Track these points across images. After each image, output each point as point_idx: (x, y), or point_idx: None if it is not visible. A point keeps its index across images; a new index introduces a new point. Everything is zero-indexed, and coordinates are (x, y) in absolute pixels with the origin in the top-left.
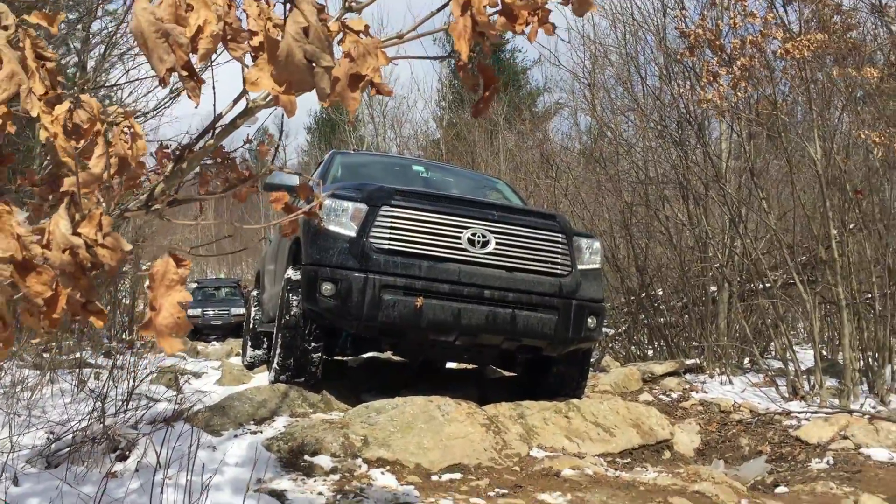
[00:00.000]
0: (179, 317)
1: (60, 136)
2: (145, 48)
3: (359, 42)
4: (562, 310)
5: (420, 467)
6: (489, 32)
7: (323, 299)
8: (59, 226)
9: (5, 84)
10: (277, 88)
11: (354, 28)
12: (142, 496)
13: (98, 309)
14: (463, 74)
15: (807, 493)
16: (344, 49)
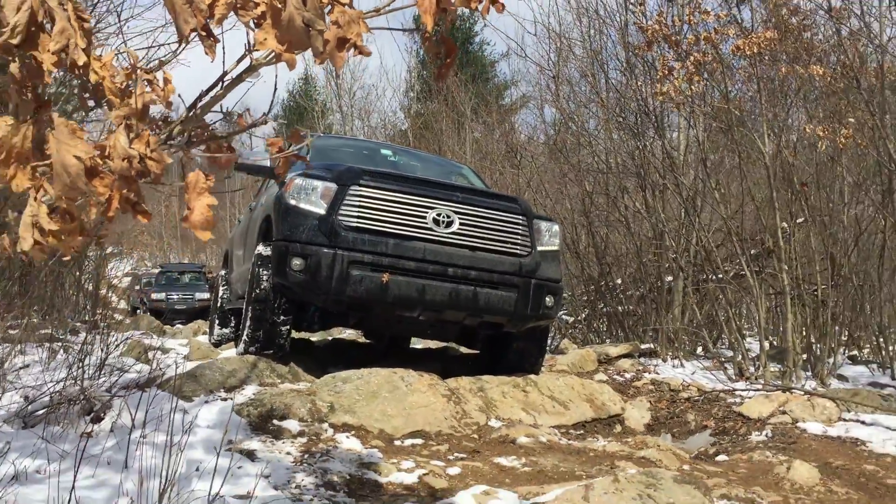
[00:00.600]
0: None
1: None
2: (173, 12)
3: (345, 12)
4: (521, 288)
5: (384, 433)
6: (450, 8)
7: (293, 273)
8: (120, 140)
9: (58, 37)
10: (280, 48)
11: (342, 1)
12: (118, 453)
13: (144, 210)
14: (427, 44)
15: (744, 461)
16: (332, 18)
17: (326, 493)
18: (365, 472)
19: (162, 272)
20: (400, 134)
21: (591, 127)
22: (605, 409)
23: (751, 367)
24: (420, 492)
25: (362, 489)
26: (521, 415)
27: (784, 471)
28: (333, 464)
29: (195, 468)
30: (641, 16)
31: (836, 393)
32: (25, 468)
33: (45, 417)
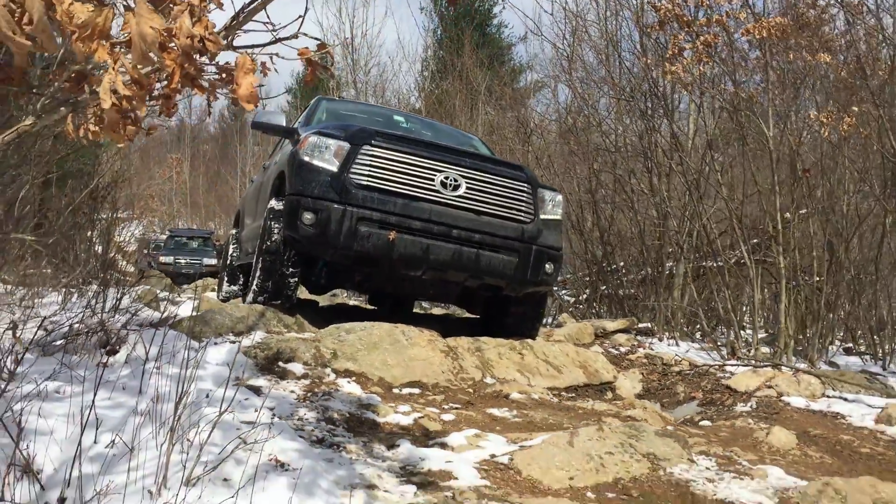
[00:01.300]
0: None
1: None
2: None
3: None
4: (522, 253)
5: (383, 380)
6: None
7: (303, 227)
8: (185, 21)
9: None
10: None
11: None
12: (132, 380)
13: (201, 85)
14: None
15: (727, 427)
16: None
17: (327, 426)
18: (364, 412)
19: (170, 236)
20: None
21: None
22: (597, 375)
23: (743, 347)
24: (415, 432)
25: (360, 426)
26: (516, 375)
27: (763, 435)
28: (334, 403)
29: (205, 395)
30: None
31: (824, 372)
32: (46, 387)
33: (64, 347)
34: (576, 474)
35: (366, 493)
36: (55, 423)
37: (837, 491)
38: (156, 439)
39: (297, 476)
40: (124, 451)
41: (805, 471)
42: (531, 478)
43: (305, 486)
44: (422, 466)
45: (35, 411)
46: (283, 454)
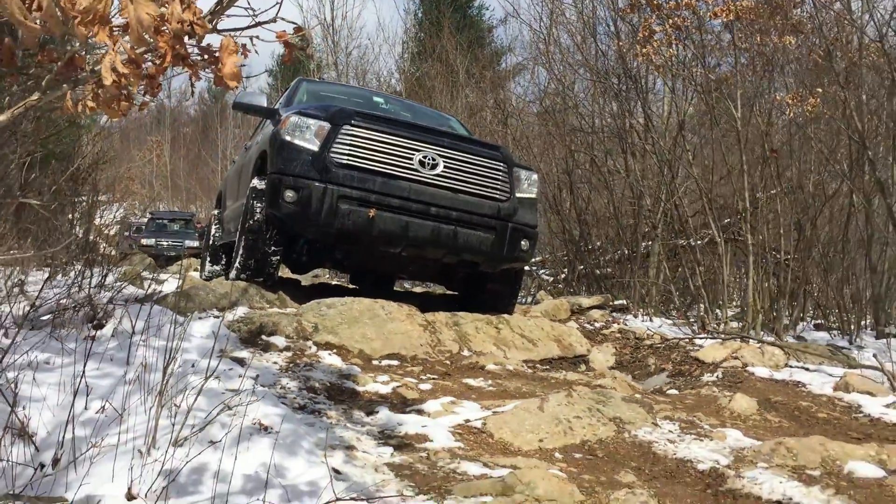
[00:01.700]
0: (235, 70)
1: None
2: None
3: None
4: (499, 230)
5: (363, 353)
6: None
7: (285, 205)
8: (177, 8)
9: None
10: None
11: None
12: (120, 352)
13: (190, 63)
14: None
15: (693, 395)
16: None
17: (308, 394)
18: (344, 381)
19: (152, 219)
20: (394, 93)
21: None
22: (571, 349)
23: (714, 322)
24: (393, 400)
25: (341, 395)
26: (492, 348)
27: (726, 402)
28: (316, 373)
29: (191, 366)
30: None
31: (788, 344)
32: (36, 358)
33: (52, 322)
34: (545, 437)
35: (345, 453)
36: (47, 391)
37: (789, 449)
38: (144, 405)
39: (280, 438)
40: (114, 417)
41: (763, 433)
42: (503, 440)
43: (287, 447)
44: (399, 430)
45: (27, 381)
46: (266, 419)
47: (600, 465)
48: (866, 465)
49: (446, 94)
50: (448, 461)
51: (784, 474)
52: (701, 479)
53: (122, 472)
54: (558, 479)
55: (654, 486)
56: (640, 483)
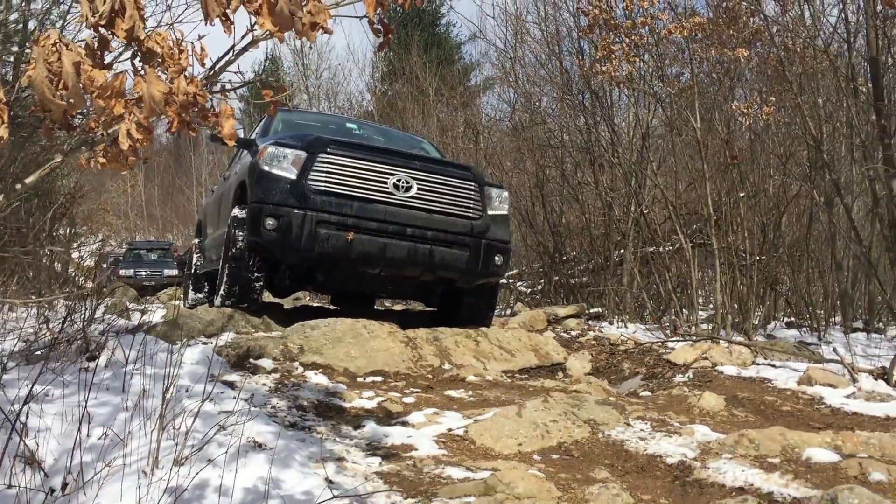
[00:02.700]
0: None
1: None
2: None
3: (316, 4)
4: (473, 247)
5: (347, 371)
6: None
7: (266, 232)
8: (182, 83)
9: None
10: (274, 28)
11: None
12: (115, 381)
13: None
14: (371, 27)
15: (664, 395)
16: (307, 9)
17: (298, 412)
18: (331, 399)
19: (130, 249)
20: (366, 114)
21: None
22: (548, 357)
23: (685, 325)
24: (378, 414)
25: (328, 411)
26: (472, 361)
27: (696, 400)
28: (303, 392)
29: (185, 391)
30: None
31: (756, 343)
32: (36, 391)
33: (46, 355)
34: (524, 441)
35: (336, 465)
36: (51, 421)
37: (751, 440)
38: (144, 429)
39: (274, 453)
40: (116, 442)
41: (730, 428)
42: (484, 446)
43: (282, 461)
44: (385, 441)
45: (30, 412)
46: (259, 436)
47: (576, 464)
48: (823, 451)
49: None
50: (433, 467)
51: (746, 463)
52: (670, 471)
53: (129, 492)
54: (536, 478)
55: (626, 480)
56: (614, 478)
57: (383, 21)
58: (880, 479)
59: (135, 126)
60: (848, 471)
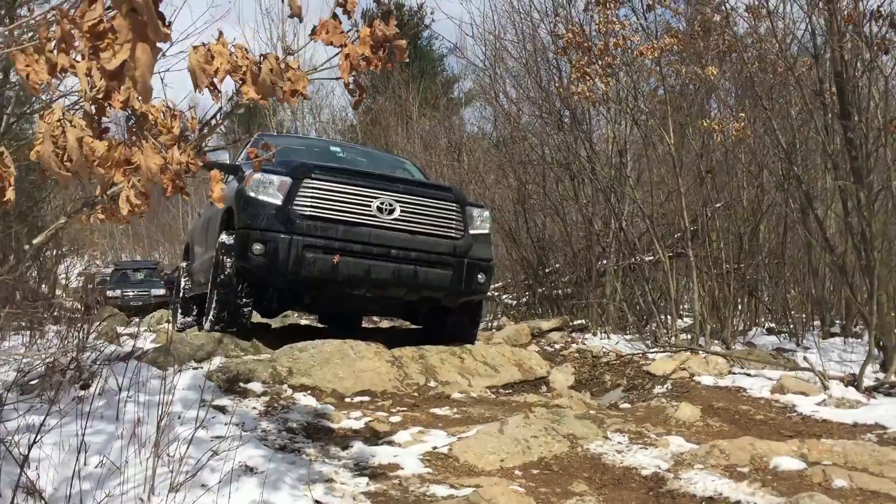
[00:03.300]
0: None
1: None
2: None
3: (295, 73)
4: (456, 267)
5: (336, 392)
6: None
7: (254, 257)
8: (175, 153)
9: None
10: (257, 97)
11: (292, 66)
12: (108, 410)
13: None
14: (347, 87)
15: (643, 407)
16: (287, 75)
17: (287, 435)
18: (320, 420)
19: (116, 270)
20: (349, 129)
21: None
22: (532, 371)
23: (665, 335)
24: (365, 434)
25: (317, 433)
26: (458, 378)
27: (673, 411)
28: (293, 414)
29: (177, 417)
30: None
31: (732, 352)
32: (32, 421)
33: (40, 385)
34: (506, 457)
35: (324, 486)
36: (50, 451)
37: (722, 450)
38: (138, 457)
39: (265, 476)
40: (112, 470)
41: (705, 438)
42: (468, 463)
43: (272, 484)
44: (372, 461)
45: (26, 442)
46: (251, 460)
47: (555, 478)
48: (790, 460)
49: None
50: (418, 486)
51: (717, 473)
52: (644, 483)
53: None
54: (516, 493)
55: (602, 492)
56: (591, 491)
57: (358, 82)
58: (842, 486)
59: (133, 193)
60: (813, 478)
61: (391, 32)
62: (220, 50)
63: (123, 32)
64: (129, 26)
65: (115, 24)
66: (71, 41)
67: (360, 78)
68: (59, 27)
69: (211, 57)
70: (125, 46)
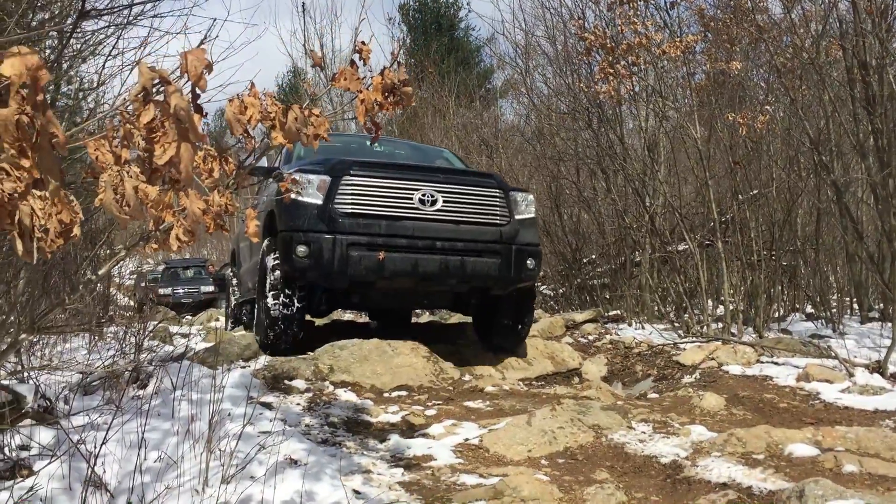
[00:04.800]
0: (256, 230)
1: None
2: (231, 124)
3: (317, 118)
4: (503, 254)
5: (374, 387)
6: (372, 112)
7: (298, 260)
8: (216, 197)
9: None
10: (284, 141)
11: (315, 113)
12: (164, 408)
13: (226, 228)
14: (364, 126)
15: (670, 397)
16: (311, 121)
17: (329, 429)
18: (359, 415)
19: (167, 268)
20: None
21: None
22: (564, 364)
23: (697, 325)
24: (402, 427)
25: (357, 427)
26: (492, 371)
27: (698, 401)
28: (334, 410)
29: (227, 414)
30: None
31: (761, 341)
32: (95, 420)
33: (102, 386)
34: (533, 447)
35: (363, 477)
36: (111, 447)
37: (739, 438)
38: (193, 451)
39: (307, 468)
40: (170, 464)
41: (727, 427)
42: (497, 453)
43: (314, 475)
44: (408, 453)
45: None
46: (294, 453)
47: (579, 466)
48: (804, 447)
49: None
50: (449, 475)
51: (733, 460)
52: (663, 470)
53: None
54: (540, 481)
55: (623, 480)
56: (612, 479)
57: (374, 120)
58: (852, 471)
59: (181, 231)
60: (825, 464)
61: (399, 79)
62: (252, 102)
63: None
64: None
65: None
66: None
67: (374, 118)
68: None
69: (244, 108)
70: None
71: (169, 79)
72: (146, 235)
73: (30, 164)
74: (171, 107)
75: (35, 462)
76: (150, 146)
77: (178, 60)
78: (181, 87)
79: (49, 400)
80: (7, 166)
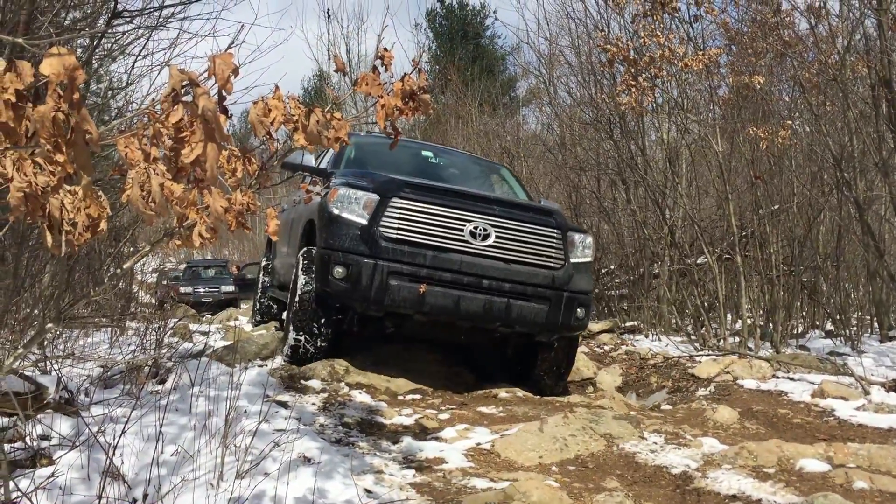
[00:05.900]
0: (277, 228)
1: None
2: (254, 125)
3: (338, 122)
4: (553, 300)
5: (389, 390)
6: (392, 117)
7: (335, 281)
8: (238, 196)
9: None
10: (306, 143)
11: (336, 116)
12: (181, 403)
13: (248, 227)
14: (385, 131)
15: (684, 409)
16: (332, 124)
17: (343, 429)
18: (373, 416)
19: (188, 267)
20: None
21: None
22: (579, 373)
23: (714, 338)
24: (415, 430)
25: (370, 428)
26: (506, 377)
27: (711, 413)
28: (348, 410)
29: (243, 411)
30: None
31: (777, 356)
32: (114, 412)
33: (122, 380)
34: (544, 454)
35: (374, 477)
36: (129, 439)
37: (750, 451)
38: (209, 446)
39: (320, 467)
40: (186, 458)
41: (739, 440)
42: (508, 459)
43: (327, 474)
44: (420, 455)
45: (110, 432)
46: (308, 452)
47: (590, 474)
48: (815, 462)
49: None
50: (460, 478)
51: (743, 473)
52: (673, 481)
53: (199, 502)
54: (550, 487)
55: (633, 489)
56: (622, 487)
57: (394, 125)
58: (863, 487)
59: (204, 228)
60: (835, 480)
61: (419, 86)
62: (275, 104)
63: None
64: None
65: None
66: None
67: (395, 123)
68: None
69: (268, 110)
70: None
71: (198, 81)
72: (170, 231)
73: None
74: (199, 108)
75: (55, 451)
76: (177, 145)
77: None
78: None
79: (70, 391)
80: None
